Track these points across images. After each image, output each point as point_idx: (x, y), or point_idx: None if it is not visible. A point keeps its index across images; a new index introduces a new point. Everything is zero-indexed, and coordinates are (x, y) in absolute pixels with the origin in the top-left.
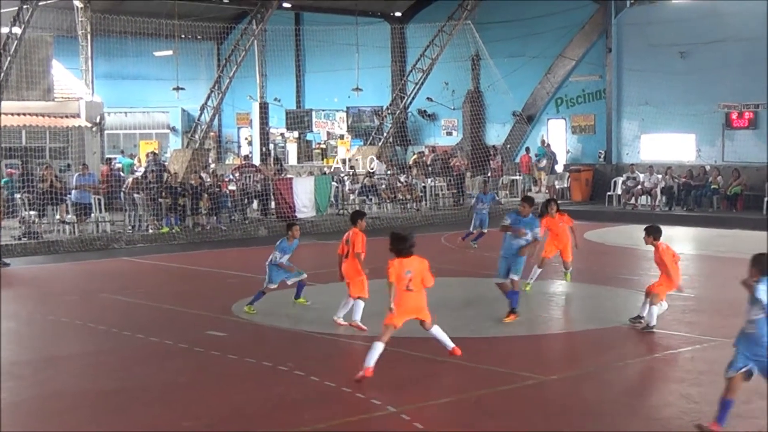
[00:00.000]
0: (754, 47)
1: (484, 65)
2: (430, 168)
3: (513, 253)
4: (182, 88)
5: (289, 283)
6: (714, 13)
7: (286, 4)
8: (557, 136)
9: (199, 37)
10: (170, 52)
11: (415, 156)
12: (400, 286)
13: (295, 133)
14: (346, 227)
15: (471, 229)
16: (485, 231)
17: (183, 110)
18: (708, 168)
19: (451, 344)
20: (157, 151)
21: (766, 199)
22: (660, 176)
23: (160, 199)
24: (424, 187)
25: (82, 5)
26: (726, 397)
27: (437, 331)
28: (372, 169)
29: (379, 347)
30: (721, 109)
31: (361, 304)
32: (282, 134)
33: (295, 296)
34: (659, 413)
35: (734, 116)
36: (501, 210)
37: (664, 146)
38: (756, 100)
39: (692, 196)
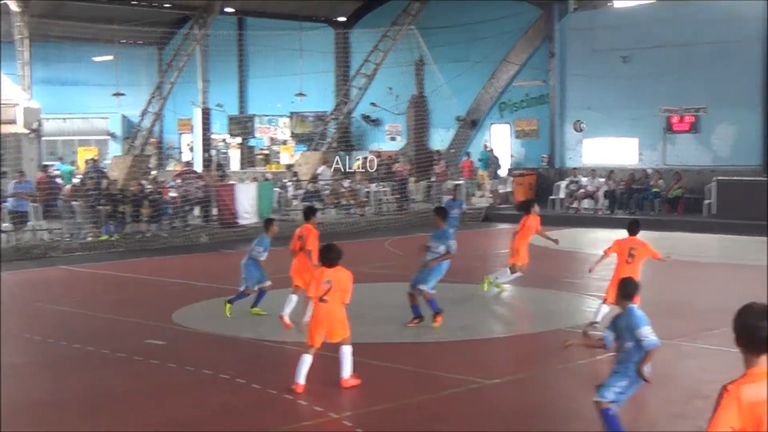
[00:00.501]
0: (694, 52)
1: (428, 70)
2: (375, 173)
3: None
4: (122, 94)
5: (255, 288)
6: (655, 18)
7: (228, 9)
8: (501, 140)
9: (139, 42)
10: (110, 58)
11: (359, 161)
12: (317, 297)
13: (238, 139)
14: (290, 233)
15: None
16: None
17: (123, 116)
18: (650, 171)
19: (347, 373)
20: (96, 158)
21: (706, 202)
22: (602, 180)
23: (99, 207)
24: (368, 192)
25: (19, 9)
26: None
27: (345, 352)
28: (319, 173)
29: (307, 360)
30: (663, 113)
31: (294, 298)
32: (224, 140)
33: (253, 305)
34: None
35: (675, 120)
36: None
37: (606, 150)
38: (696, 104)
39: (634, 200)
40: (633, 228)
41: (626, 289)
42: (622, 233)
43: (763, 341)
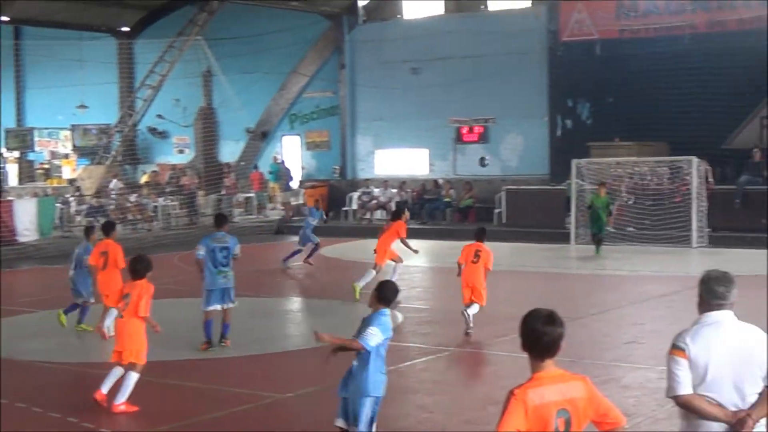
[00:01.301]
0: (482, 63)
1: (216, 81)
2: (163, 187)
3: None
4: None
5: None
6: (444, 30)
7: (4, 18)
8: (292, 152)
9: None
10: None
11: (146, 175)
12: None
13: (16, 153)
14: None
15: (300, 246)
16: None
17: None
18: (441, 181)
19: (122, 399)
20: None
21: (496, 211)
22: (395, 190)
23: None
24: (156, 206)
25: None
26: None
27: (128, 378)
28: (111, 188)
29: (116, 372)
30: (452, 123)
31: (114, 312)
32: (1, 154)
33: (79, 321)
34: (396, 424)
35: (465, 131)
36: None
37: (398, 161)
38: (485, 115)
39: (426, 210)
40: (480, 235)
41: (384, 293)
42: (415, 243)
43: (547, 346)
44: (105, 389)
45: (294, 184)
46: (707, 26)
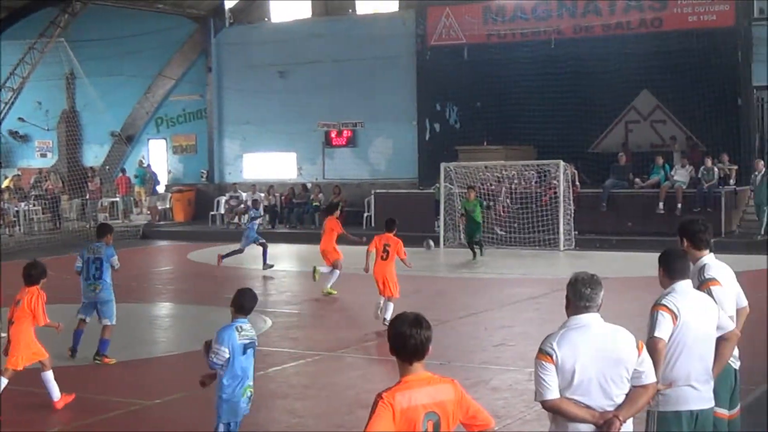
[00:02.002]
0: (350, 67)
1: (79, 84)
2: (26, 191)
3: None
4: None
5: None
6: (311, 34)
7: None
8: (158, 156)
9: None
10: None
11: (8, 179)
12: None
13: None
14: None
15: (244, 246)
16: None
17: None
18: (309, 185)
19: (57, 396)
20: None
21: (366, 215)
22: (263, 194)
23: None
24: (18, 211)
25: None
26: None
27: (46, 377)
28: None
29: (48, 377)
30: (321, 127)
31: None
32: None
33: None
34: (265, 430)
35: (333, 134)
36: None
37: (266, 165)
38: (354, 118)
39: (295, 214)
40: (389, 225)
41: (239, 301)
42: (284, 248)
43: (414, 349)
44: (56, 395)
45: (160, 189)
46: (573, 31)
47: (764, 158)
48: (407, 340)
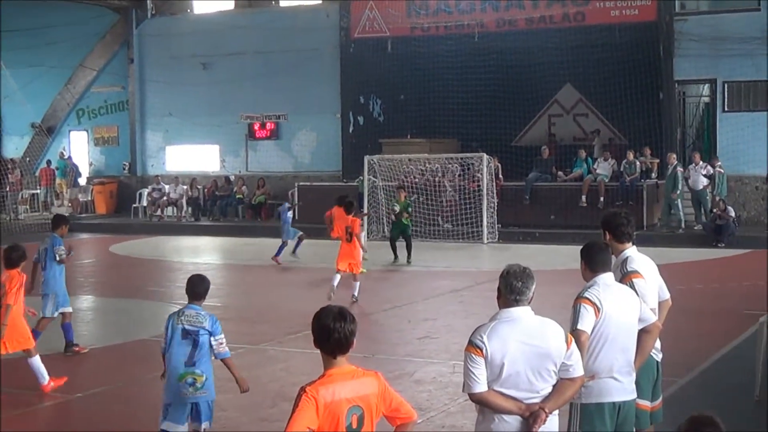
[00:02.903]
0: (274, 59)
1: (0, 75)
2: None
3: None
4: None
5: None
6: (234, 25)
7: None
8: (80, 148)
9: None
10: None
11: None
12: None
13: None
14: None
15: (286, 239)
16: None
17: None
18: (233, 178)
19: (45, 380)
20: None
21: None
22: (185, 187)
23: None
24: None
25: None
26: None
27: (33, 363)
28: None
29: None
30: (244, 120)
31: None
32: None
33: None
34: None
35: (257, 127)
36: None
37: (189, 157)
38: (277, 111)
39: (218, 206)
40: (348, 208)
41: (191, 288)
42: (207, 240)
43: (337, 343)
44: (45, 379)
45: (82, 181)
46: (497, 25)
47: (685, 152)
48: (331, 334)
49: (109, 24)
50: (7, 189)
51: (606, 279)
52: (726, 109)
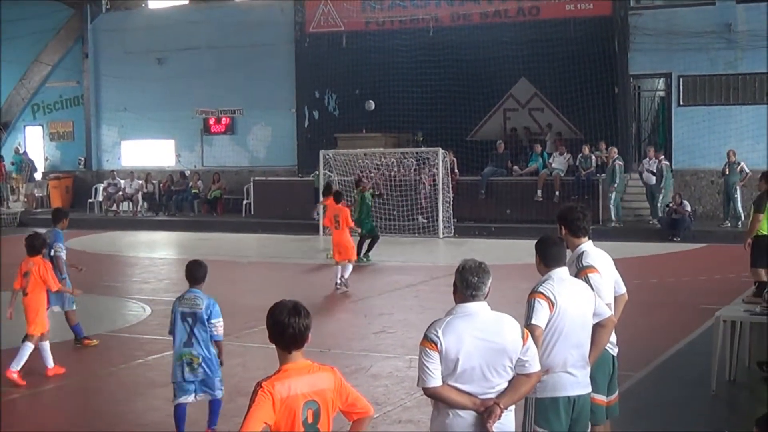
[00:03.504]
0: (229, 54)
1: None
2: None
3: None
4: None
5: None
6: (189, 20)
7: None
8: (35, 143)
9: None
10: None
11: None
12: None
13: None
14: None
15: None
16: None
17: None
18: (188, 173)
19: (50, 364)
20: None
21: (245, 202)
22: (141, 182)
23: None
24: None
25: None
26: None
27: (44, 347)
28: None
29: (45, 347)
30: (199, 114)
31: None
32: None
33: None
34: (145, 418)
35: (212, 122)
36: None
37: (145, 152)
38: (233, 106)
39: (174, 201)
40: (337, 197)
41: (189, 273)
42: (163, 235)
43: (292, 338)
44: (50, 363)
45: (38, 176)
46: (451, 19)
47: (641, 146)
48: (285, 329)
49: (64, 19)
50: None
51: (560, 273)
52: (681, 103)
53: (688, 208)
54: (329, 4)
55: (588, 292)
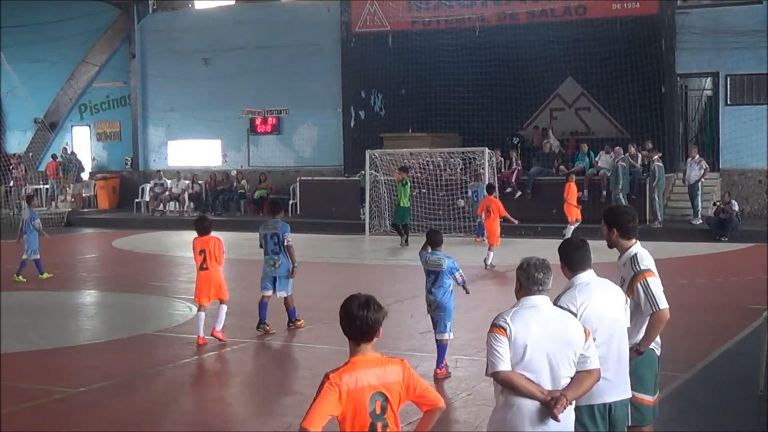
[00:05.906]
0: (275, 54)
1: (2, 70)
2: None
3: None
4: None
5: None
6: (235, 20)
7: None
8: (82, 143)
9: None
10: None
11: None
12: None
13: None
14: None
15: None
16: None
17: None
18: (234, 173)
19: (219, 327)
20: None
21: (291, 202)
22: (187, 182)
23: None
24: None
25: None
26: None
27: (221, 311)
28: None
29: (201, 316)
30: (246, 114)
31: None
32: None
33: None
34: (193, 417)
35: (258, 122)
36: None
37: (191, 152)
38: (279, 106)
39: (220, 201)
40: (489, 189)
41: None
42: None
43: (360, 330)
44: (201, 332)
45: (85, 176)
46: (498, 19)
47: (687, 146)
48: (354, 321)
49: (111, 19)
50: (11, 184)
51: (584, 278)
52: (728, 102)
53: (736, 208)
54: (375, 3)
55: (616, 291)
